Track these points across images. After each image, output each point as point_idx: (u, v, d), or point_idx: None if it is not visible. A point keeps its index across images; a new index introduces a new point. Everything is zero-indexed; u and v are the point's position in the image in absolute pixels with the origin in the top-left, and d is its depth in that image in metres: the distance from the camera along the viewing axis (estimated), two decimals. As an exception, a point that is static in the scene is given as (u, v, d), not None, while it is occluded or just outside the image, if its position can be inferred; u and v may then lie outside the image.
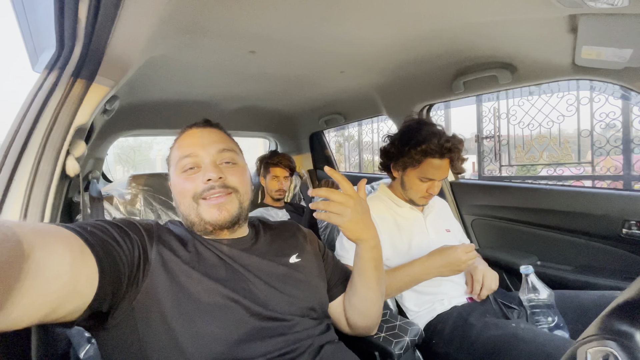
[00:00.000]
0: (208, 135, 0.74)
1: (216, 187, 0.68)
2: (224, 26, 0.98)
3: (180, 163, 0.70)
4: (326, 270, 0.85)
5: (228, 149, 0.74)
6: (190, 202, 0.69)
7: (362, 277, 0.77)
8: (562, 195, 1.40)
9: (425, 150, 1.10)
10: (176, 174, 0.71)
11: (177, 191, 0.71)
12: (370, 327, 0.85)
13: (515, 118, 3.10)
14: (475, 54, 1.25)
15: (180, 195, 0.70)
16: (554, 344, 0.83)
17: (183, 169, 0.70)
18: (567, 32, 0.93)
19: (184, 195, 0.69)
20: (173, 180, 0.73)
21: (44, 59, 0.80)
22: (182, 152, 0.71)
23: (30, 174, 0.69)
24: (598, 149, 2.65)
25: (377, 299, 0.79)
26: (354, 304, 0.80)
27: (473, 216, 1.71)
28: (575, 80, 1.17)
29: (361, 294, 0.79)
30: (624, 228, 1.21)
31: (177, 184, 0.71)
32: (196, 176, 0.69)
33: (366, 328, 0.85)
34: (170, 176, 0.75)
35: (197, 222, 0.69)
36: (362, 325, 0.83)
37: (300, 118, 2.47)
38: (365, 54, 1.27)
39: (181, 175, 0.70)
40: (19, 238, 0.38)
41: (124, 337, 0.57)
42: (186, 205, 0.69)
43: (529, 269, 1.01)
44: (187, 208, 0.69)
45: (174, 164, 0.73)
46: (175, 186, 0.71)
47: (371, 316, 0.82)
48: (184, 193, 0.69)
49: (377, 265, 0.76)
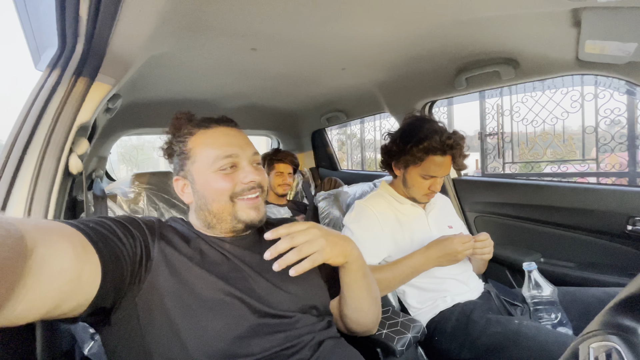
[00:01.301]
0: (241, 136, 0.76)
1: (255, 188, 0.71)
2: (225, 24, 0.98)
3: (218, 162, 0.70)
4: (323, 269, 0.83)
5: (257, 151, 0.76)
6: (227, 200, 0.69)
7: (352, 289, 0.74)
8: (566, 192, 1.39)
9: (427, 147, 1.10)
10: (211, 172, 0.70)
11: (212, 189, 0.69)
12: (368, 330, 0.84)
13: (518, 115, 3.07)
14: (478, 50, 1.24)
15: (216, 193, 0.69)
16: (556, 340, 0.83)
17: (221, 168, 0.70)
18: (570, 26, 0.92)
19: (220, 193, 0.69)
20: (205, 177, 0.70)
21: (46, 57, 0.81)
22: (221, 151, 0.70)
23: (34, 172, 0.69)
24: (603, 145, 2.63)
25: (369, 306, 0.77)
26: (346, 314, 0.79)
27: (476, 213, 1.71)
28: (579, 75, 1.16)
29: (353, 305, 0.76)
30: (629, 224, 1.20)
31: (212, 181, 0.70)
32: (234, 176, 0.70)
33: (364, 332, 0.84)
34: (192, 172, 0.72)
35: (229, 220, 0.70)
36: (358, 330, 0.82)
37: (302, 116, 2.47)
38: (366, 51, 1.27)
39: (218, 173, 0.69)
40: (22, 234, 0.38)
41: (127, 333, 0.58)
42: (221, 202, 0.69)
43: (531, 266, 1.01)
44: (221, 206, 0.69)
45: (207, 161, 0.70)
46: (209, 183, 0.70)
47: (366, 323, 0.80)
48: (221, 191, 0.69)
49: (364, 273, 0.73)
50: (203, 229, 0.73)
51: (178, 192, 0.75)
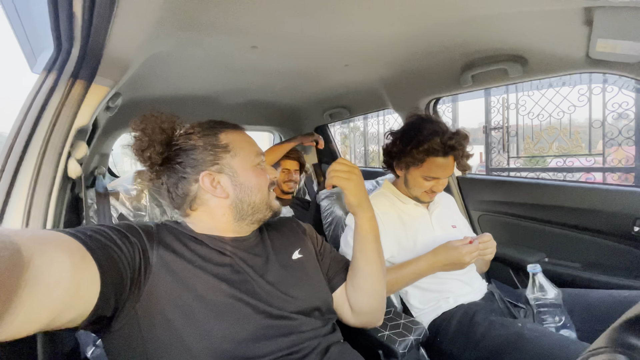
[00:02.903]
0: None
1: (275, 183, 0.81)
2: (224, 21, 0.95)
3: (255, 159, 0.76)
4: (324, 262, 0.86)
5: None
6: (266, 191, 0.77)
7: (363, 252, 0.81)
8: (571, 192, 1.37)
9: (427, 149, 1.08)
10: (249, 167, 0.75)
11: (255, 181, 0.75)
12: (376, 311, 0.84)
13: (524, 108, 3.03)
14: (485, 47, 1.21)
15: (260, 184, 0.75)
16: (559, 344, 0.83)
17: (257, 164, 0.76)
18: (581, 24, 0.89)
19: (264, 184, 0.76)
20: (248, 170, 0.75)
21: (42, 59, 0.79)
22: (257, 149, 0.78)
23: (32, 177, 0.68)
24: (609, 140, 2.59)
25: (380, 274, 0.82)
26: (357, 285, 0.81)
27: (480, 212, 1.69)
28: (588, 73, 1.13)
29: (364, 271, 0.80)
30: (636, 226, 1.18)
31: (255, 174, 0.75)
32: (264, 172, 0.78)
33: (372, 312, 0.83)
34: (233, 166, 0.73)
35: (263, 209, 0.76)
36: (367, 309, 0.82)
37: (304, 112, 2.44)
38: (369, 47, 1.24)
39: (256, 168, 0.76)
40: (18, 246, 0.37)
41: (128, 340, 0.57)
42: (263, 193, 0.76)
43: (536, 268, 1.00)
44: (263, 196, 0.75)
45: (249, 156, 0.76)
46: (255, 176, 0.75)
47: (377, 295, 0.82)
48: (261, 184, 0.75)
49: (376, 237, 0.82)
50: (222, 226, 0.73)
51: (207, 187, 0.71)
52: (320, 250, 0.88)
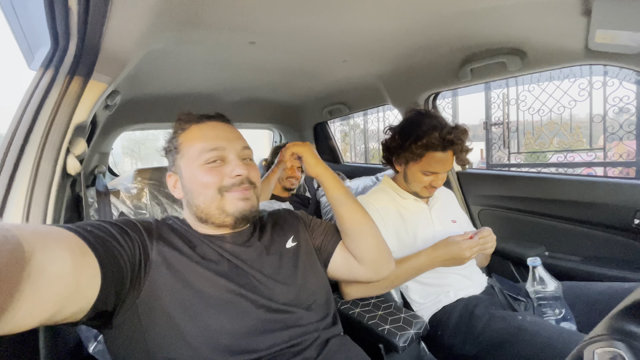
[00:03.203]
0: (230, 130, 0.75)
1: (245, 182, 0.70)
2: (222, 17, 0.95)
3: (204, 155, 0.69)
4: (315, 236, 0.86)
5: (248, 147, 0.75)
6: (215, 193, 0.68)
7: (342, 205, 0.84)
8: (571, 185, 1.37)
9: (426, 144, 1.07)
10: (196, 165, 0.69)
11: (198, 182, 0.69)
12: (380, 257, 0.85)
13: (525, 104, 3.02)
14: (483, 40, 1.20)
15: (202, 187, 0.68)
16: (559, 337, 0.83)
17: (207, 161, 0.69)
18: (580, 15, 0.89)
19: (207, 186, 0.68)
20: (192, 171, 0.70)
21: (39, 56, 0.79)
22: (207, 144, 0.69)
23: (31, 174, 0.69)
24: (610, 134, 2.58)
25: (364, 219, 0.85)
26: (351, 236, 0.83)
27: (480, 206, 1.69)
28: (588, 65, 1.12)
29: (350, 221, 0.83)
30: (636, 218, 1.18)
31: (198, 175, 0.69)
32: (222, 169, 0.69)
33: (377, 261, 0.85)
34: (181, 166, 0.72)
35: (216, 214, 0.68)
36: (369, 256, 0.84)
37: (303, 109, 2.44)
38: (367, 42, 1.24)
39: (204, 166, 0.69)
40: (19, 240, 0.38)
41: (129, 335, 0.58)
42: (208, 196, 0.68)
43: (536, 262, 1.00)
44: (209, 199, 0.68)
45: (193, 155, 0.70)
46: (195, 177, 0.69)
47: (372, 241, 0.84)
48: (207, 184, 0.68)
49: (346, 191, 0.86)
50: (197, 225, 0.72)
51: (170, 188, 0.75)
52: (310, 226, 0.88)
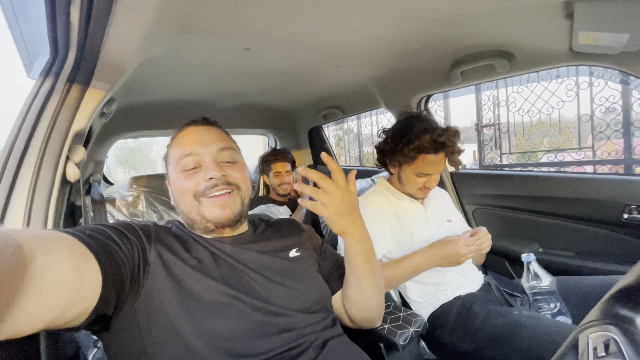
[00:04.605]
0: (207, 133, 0.74)
1: (220, 184, 0.69)
2: (217, 24, 0.97)
3: (181, 162, 0.70)
4: (324, 265, 0.84)
5: (228, 147, 0.74)
6: (192, 200, 0.69)
7: (353, 271, 0.74)
8: (562, 182, 1.40)
9: (418, 147, 1.10)
10: (176, 173, 0.71)
11: (177, 189, 0.70)
12: (371, 319, 0.83)
13: (514, 105, 3.07)
14: (472, 43, 1.24)
15: (181, 194, 0.70)
16: (556, 329, 0.85)
17: (184, 168, 0.70)
18: (563, 18, 0.92)
19: (184, 193, 0.69)
20: (172, 178, 0.72)
21: (38, 65, 0.80)
22: (182, 150, 0.70)
23: (31, 181, 0.69)
24: (599, 133, 2.64)
25: (372, 291, 0.76)
26: (350, 298, 0.78)
27: (474, 206, 1.72)
28: (574, 66, 1.16)
29: (355, 287, 0.76)
30: (625, 213, 1.21)
31: (177, 182, 0.70)
32: (198, 174, 0.69)
33: (367, 321, 0.83)
34: (169, 175, 0.75)
35: (199, 220, 0.69)
36: (362, 318, 0.82)
37: (298, 113, 2.46)
38: (360, 47, 1.26)
39: (181, 173, 0.70)
40: (20, 244, 0.37)
41: (127, 339, 0.58)
42: (187, 203, 0.69)
43: (530, 257, 1.02)
44: (188, 206, 0.69)
45: (173, 162, 0.72)
46: (175, 184, 0.71)
47: (369, 309, 0.80)
48: (184, 191, 0.69)
49: (367, 258, 0.72)
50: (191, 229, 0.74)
51: (169, 194, 0.78)
52: (321, 250, 0.87)
